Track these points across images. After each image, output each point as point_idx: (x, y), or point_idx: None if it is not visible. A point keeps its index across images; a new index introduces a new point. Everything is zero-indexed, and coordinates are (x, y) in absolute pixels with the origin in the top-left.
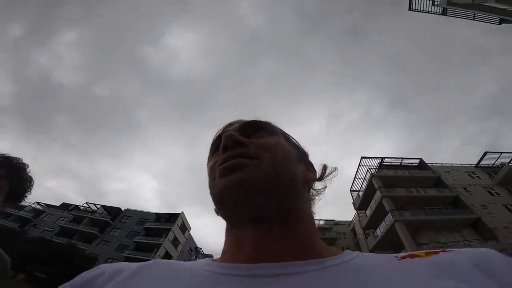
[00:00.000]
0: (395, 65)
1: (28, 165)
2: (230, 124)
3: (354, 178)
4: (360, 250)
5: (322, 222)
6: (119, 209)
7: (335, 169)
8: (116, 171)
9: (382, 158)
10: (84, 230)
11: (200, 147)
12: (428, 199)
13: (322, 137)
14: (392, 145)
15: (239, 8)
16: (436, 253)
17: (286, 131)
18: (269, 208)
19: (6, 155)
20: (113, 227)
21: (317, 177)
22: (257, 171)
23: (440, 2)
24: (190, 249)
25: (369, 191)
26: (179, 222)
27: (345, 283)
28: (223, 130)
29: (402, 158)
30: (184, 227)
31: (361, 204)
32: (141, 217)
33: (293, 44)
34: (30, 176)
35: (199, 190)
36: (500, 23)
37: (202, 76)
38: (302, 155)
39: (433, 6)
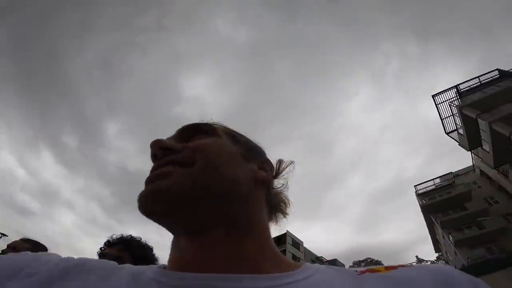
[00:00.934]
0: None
1: (152, 248)
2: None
3: (442, 120)
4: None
5: (438, 180)
6: None
7: (292, 162)
8: None
9: (457, 86)
10: None
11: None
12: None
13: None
14: (452, 71)
15: (219, 30)
16: (395, 268)
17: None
18: (199, 219)
19: (134, 238)
20: None
21: (272, 175)
22: (180, 179)
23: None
24: None
25: (470, 124)
26: None
27: None
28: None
29: (478, 77)
30: None
31: (470, 142)
32: None
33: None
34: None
35: None
36: None
37: (233, 108)
38: (253, 153)
39: None
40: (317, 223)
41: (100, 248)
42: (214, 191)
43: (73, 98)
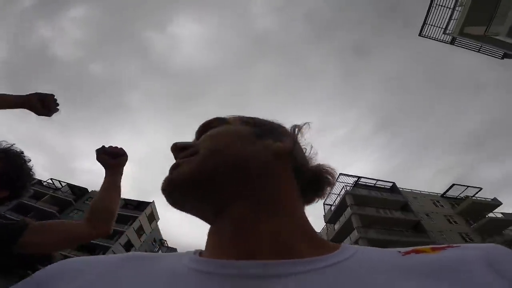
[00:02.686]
0: (392, 87)
1: (30, 159)
2: None
3: (329, 192)
4: None
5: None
6: (86, 190)
7: (306, 123)
8: (92, 150)
9: (359, 177)
10: (42, 207)
11: (187, 137)
12: (394, 220)
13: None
14: (372, 165)
15: (251, 6)
16: (443, 248)
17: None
18: (214, 199)
19: (14, 149)
20: (74, 207)
21: (291, 143)
22: (187, 166)
23: (451, 31)
24: (154, 240)
25: (341, 206)
26: (147, 211)
27: (353, 283)
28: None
29: (377, 180)
30: (153, 217)
31: (331, 218)
32: None
33: (296, 52)
34: (30, 170)
35: None
36: (502, 57)
37: (202, 68)
38: (268, 130)
39: (443, 35)
40: None
41: None
42: (221, 171)
43: None
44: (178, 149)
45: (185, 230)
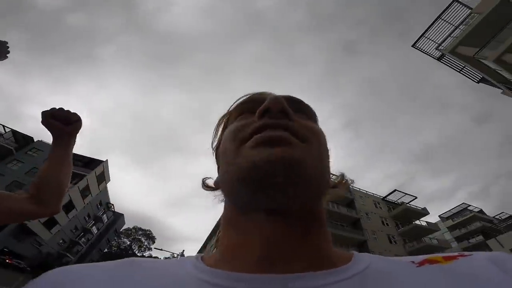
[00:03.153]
0: (368, 91)
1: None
2: (259, 93)
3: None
4: None
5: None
6: (31, 139)
7: (353, 181)
8: (47, 97)
9: None
10: None
11: (157, 98)
12: (339, 215)
13: None
14: (331, 159)
15: None
16: (455, 257)
17: None
18: (299, 201)
19: None
20: (14, 158)
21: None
22: (307, 154)
23: (445, 48)
24: (100, 203)
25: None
26: (98, 170)
27: None
28: (255, 95)
29: (332, 175)
30: (103, 177)
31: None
32: None
33: (288, 37)
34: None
35: (135, 142)
36: (478, 81)
37: (187, 34)
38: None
39: (435, 50)
40: None
41: None
42: (321, 180)
43: None
44: (282, 111)
45: (136, 197)
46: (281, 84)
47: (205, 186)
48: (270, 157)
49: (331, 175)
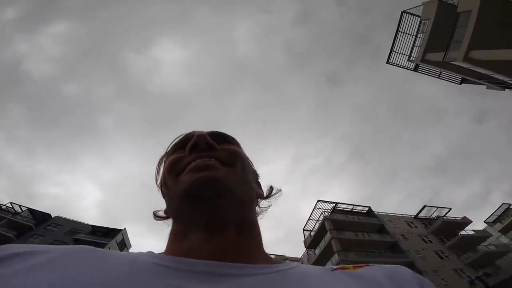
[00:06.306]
0: (362, 116)
1: None
2: (192, 132)
3: (309, 219)
4: None
5: (272, 256)
6: (49, 215)
7: (280, 190)
8: (57, 174)
9: (336, 203)
10: None
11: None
12: (372, 243)
13: (285, 176)
14: (347, 191)
15: (234, 32)
16: (361, 267)
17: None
18: (229, 215)
19: None
20: (35, 233)
21: (264, 196)
22: (228, 175)
23: (415, 58)
24: None
25: (321, 232)
26: (118, 238)
27: (293, 285)
28: (187, 134)
29: (354, 205)
30: (124, 244)
31: (311, 243)
32: (73, 227)
33: (274, 80)
34: None
35: (147, 208)
36: (460, 83)
37: (179, 94)
38: (255, 173)
39: (408, 62)
40: None
41: None
42: (246, 196)
43: None
44: (206, 144)
45: None
46: (278, 126)
47: (156, 217)
48: (199, 177)
49: (261, 189)
